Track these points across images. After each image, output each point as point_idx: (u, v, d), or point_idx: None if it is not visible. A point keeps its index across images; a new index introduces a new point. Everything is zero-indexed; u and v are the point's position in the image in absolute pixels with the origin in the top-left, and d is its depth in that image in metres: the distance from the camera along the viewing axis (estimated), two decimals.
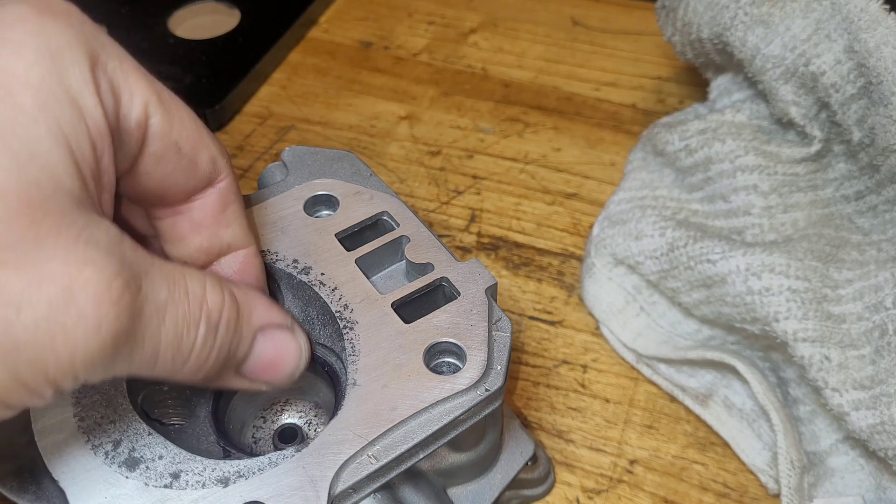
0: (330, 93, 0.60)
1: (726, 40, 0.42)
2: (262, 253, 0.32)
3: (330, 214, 0.34)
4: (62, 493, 0.26)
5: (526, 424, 0.41)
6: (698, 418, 0.41)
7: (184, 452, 0.27)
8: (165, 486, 0.26)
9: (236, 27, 0.63)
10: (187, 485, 0.26)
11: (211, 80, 0.59)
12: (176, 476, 0.26)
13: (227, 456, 0.28)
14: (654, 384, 0.43)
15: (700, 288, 0.40)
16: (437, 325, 0.30)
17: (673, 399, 0.42)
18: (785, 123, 0.42)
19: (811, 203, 0.42)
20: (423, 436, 0.27)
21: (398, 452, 0.27)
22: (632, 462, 0.40)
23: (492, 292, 0.31)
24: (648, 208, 0.44)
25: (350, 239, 0.33)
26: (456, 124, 0.57)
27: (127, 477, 0.26)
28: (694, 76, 0.56)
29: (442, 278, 0.31)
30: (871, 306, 0.36)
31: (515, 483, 0.36)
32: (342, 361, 0.30)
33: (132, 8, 0.64)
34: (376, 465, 0.26)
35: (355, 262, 0.32)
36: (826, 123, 0.41)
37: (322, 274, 0.32)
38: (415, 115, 0.58)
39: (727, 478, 0.40)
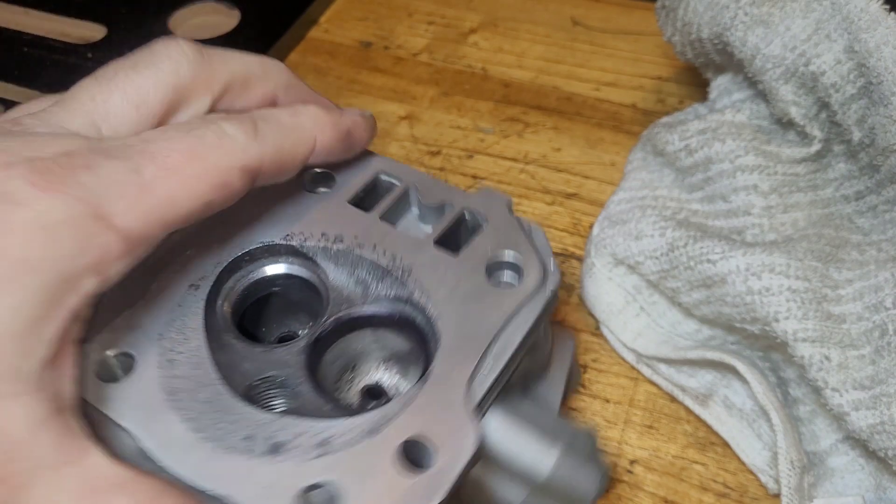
0: (330, 93, 0.60)
1: (726, 40, 0.42)
2: (288, 236, 0.33)
3: (328, 189, 0.35)
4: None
5: None
6: (698, 418, 0.41)
7: (319, 422, 0.27)
8: (319, 456, 0.26)
9: (236, 27, 0.63)
10: (341, 446, 0.26)
11: None
12: (325, 443, 0.27)
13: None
14: (654, 384, 0.43)
15: (700, 288, 0.40)
16: (483, 247, 0.32)
17: (673, 399, 0.42)
18: (785, 123, 0.42)
19: (811, 203, 0.42)
20: (517, 342, 0.29)
21: (503, 363, 0.29)
22: (632, 462, 0.40)
23: (510, 207, 0.33)
24: (648, 208, 0.44)
25: (362, 203, 0.34)
26: (456, 124, 0.57)
27: (280, 462, 0.26)
28: (694, 76, 0.56)
29: (464, 209, 0.33)
30: (871, 306, 0.36)
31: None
32: (412, 304, 0.31)
33: (132, 8, 0.64)
34: (491, 378, 0.28)
35: (379, 218, 0.33)
36: (826, 123, 0.41)
37: (355, 237, 0.32)
38: (415, 115, 0.58)
39: (727, 478, 0.40)
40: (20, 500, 0.23)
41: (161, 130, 0.28)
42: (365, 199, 0.35)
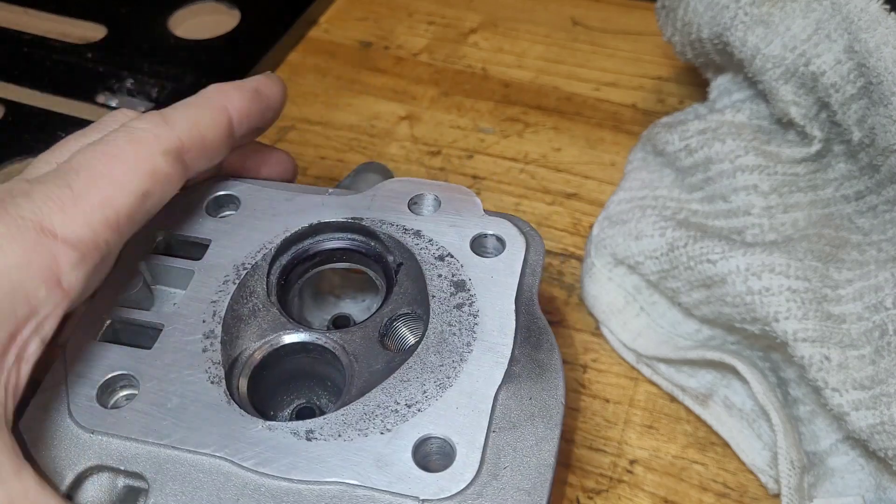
0: (330, 93, 0.60)
1: (726, 40, 0.42)
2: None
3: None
4: None
5: None
6: (698, 418, 0.41)
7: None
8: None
9: (236, 27, 0.63)
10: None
11: (211, 80, 0.58)
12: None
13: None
14: (654, 384, 0.43)
15: (700, 288, 0.40)
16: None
17: (673, 399, 0.42)
18: (785, 123, 0.42)
19: (811, 203, 0.42)
20: None
21: None
22: (632, 462, 0.40)
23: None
24: (648, 208, 0.44)
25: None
26: (456, 124, 0.57)
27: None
28: (694, 76, 0.56)
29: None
30: (871, 306, 0.36)
31: None
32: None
33: (132, 8, 0.64)
34: None
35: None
36: (826, 123, 0.41)
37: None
38: (415, 115, 0.58)
39: (727, 478, 0.40)
40: None
41: (81, 149, 0.30)
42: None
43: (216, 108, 0.33)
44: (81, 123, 0.56)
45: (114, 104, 0.57)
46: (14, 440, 0.25)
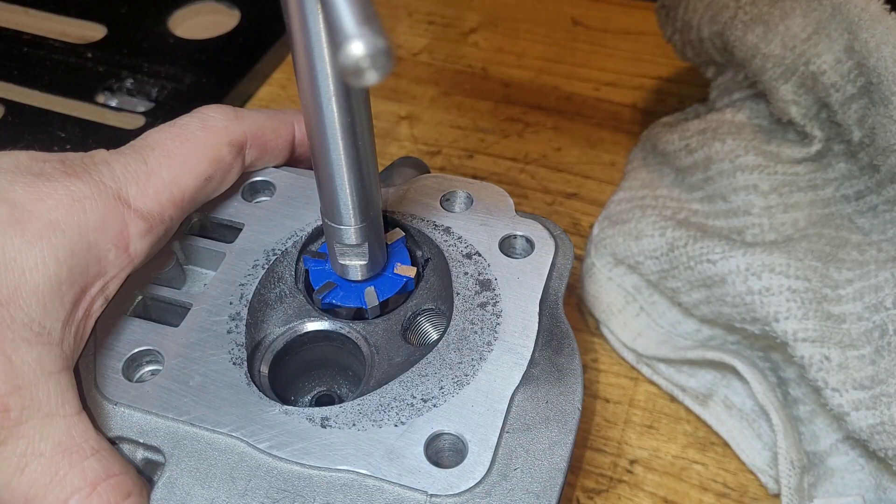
0: None
1: (726, 39, 0.42)
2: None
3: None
4: None
5: None
6: (698, 418, 0.41)
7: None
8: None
9: (236, 27, 0.63)
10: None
11: (211, 80, 0.59)
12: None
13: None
14: (654, 384, 0.43)
15: (700, 288, 0.40)
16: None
17: (673, 399, 0.42)
18: (785, 123, 0.42)
19: (811, 203, 0.42)
20: None
21: None
22: (632, 462, 0.40)
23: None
24: (648, 208, 0.44)
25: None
26: (456, 124, 0.57)
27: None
28: (694, 76, 0.56)
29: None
30: (871, 306, 0.36)
31: None
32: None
33: (132, 8, 0.64)
34: None
35: None
36: (826, 123, 0.41)
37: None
38: (415, 115, 0.58)
39: (727, 478, 0.40)
40: (11, 433, 0.25)
41: (157, 128, 0.32)
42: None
43: (284, 120, 0.35)
44: (81, 123, 0.56)
45: (114, 104, 0.57)
46: (75, 384, 0.28)
